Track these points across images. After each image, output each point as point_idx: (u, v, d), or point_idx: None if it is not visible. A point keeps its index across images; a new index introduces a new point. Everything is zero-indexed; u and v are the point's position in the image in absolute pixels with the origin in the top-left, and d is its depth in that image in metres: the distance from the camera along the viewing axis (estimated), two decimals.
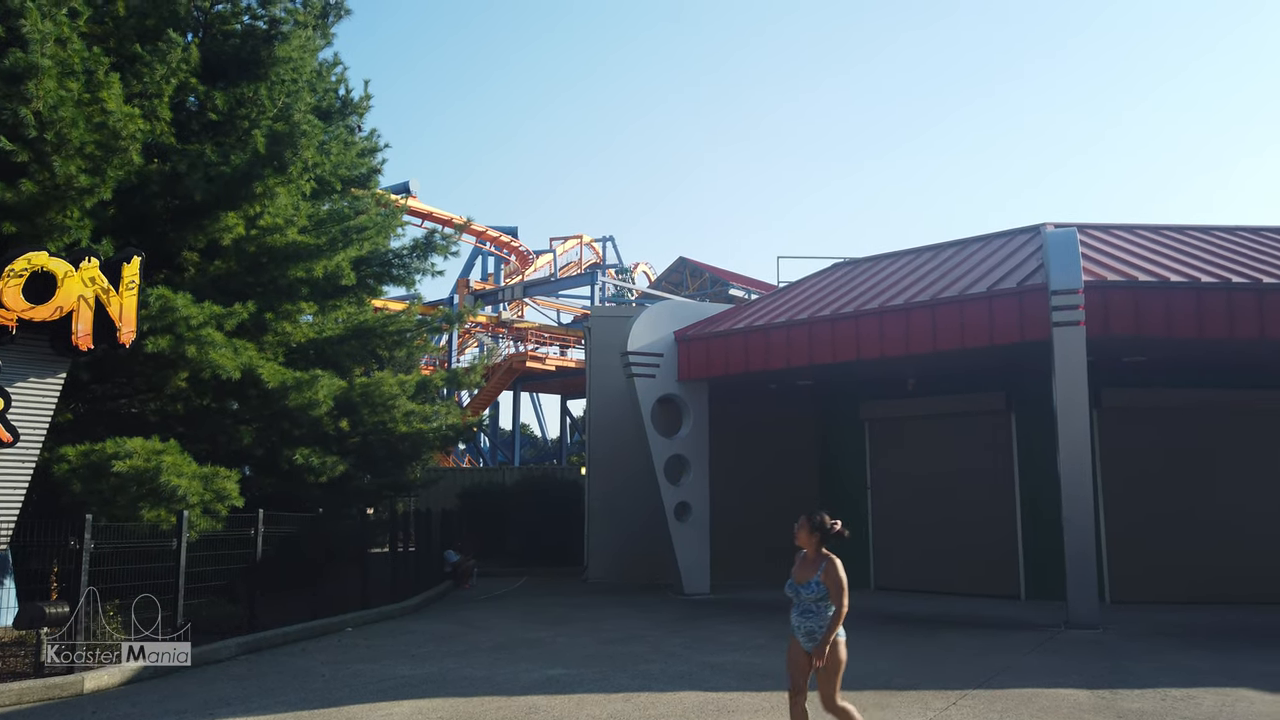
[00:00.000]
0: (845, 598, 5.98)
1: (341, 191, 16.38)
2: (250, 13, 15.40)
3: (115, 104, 11.56)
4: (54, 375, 10.12)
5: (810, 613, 6.06)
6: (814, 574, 6.06)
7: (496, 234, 48.20)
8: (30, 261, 9.74)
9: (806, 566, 6.15)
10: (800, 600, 6.12)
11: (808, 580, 6.07)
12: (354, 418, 14.87)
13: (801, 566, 6.20)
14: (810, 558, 6.17)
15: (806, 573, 6.12)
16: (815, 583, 6.02)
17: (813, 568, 6.10)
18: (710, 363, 17.05)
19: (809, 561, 6.16)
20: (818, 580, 6.02)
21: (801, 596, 6.10)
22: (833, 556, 6.10)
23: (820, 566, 6.06)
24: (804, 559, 6.22)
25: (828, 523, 6.17)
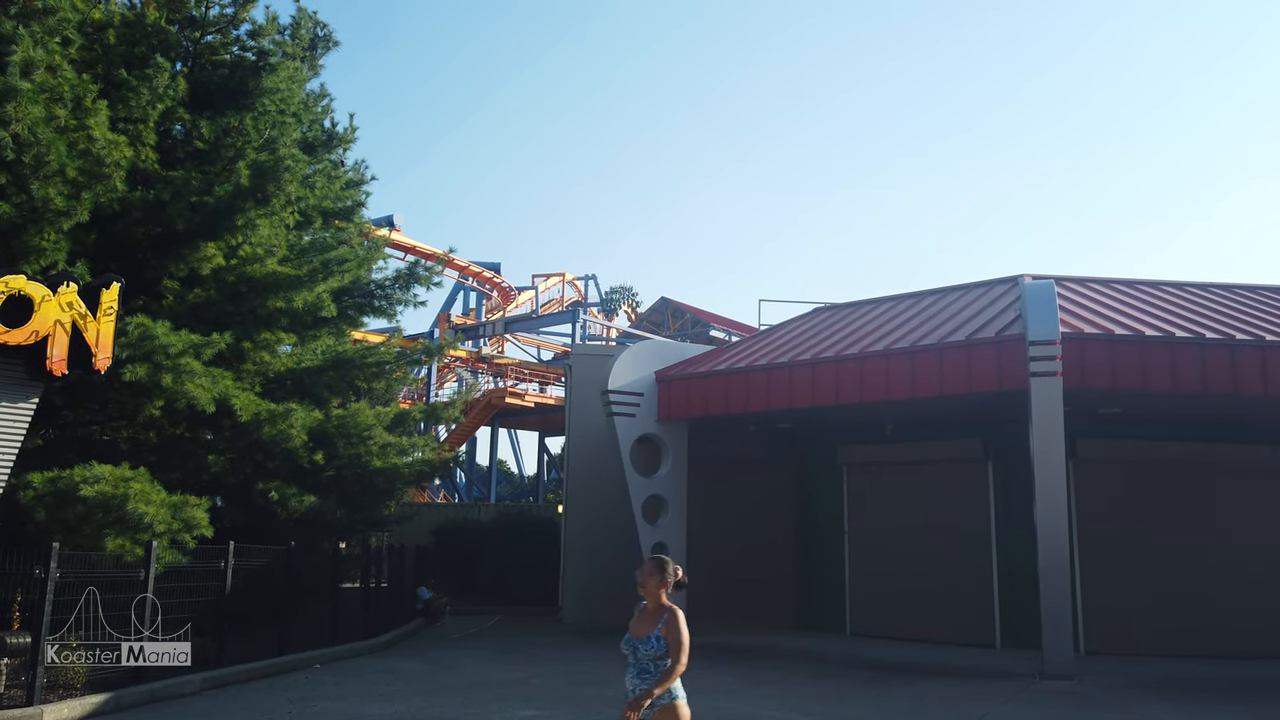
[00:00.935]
0: (685, 655, 5.14)
1: (325, 223, 16.37)
2: (239, 43, 15.47)
3: (100, 131, 11.55)
4: (26, 400, 9.96)
5: (648, 673, 5.15)
6: (654, 628, 5.20)
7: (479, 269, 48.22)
8: (7, 285, 9.63)
9: (646, 619, 5.31)
10: (637, 659, 5.21)
11: (646, 635, 5.20)
12: (329, 450, 14.72)
13: (640, 619, 5.34)
14: (651, 609, 5.34)
15: (646, 626, 5.26)
16: (655, 638, 5.17)
17: (653, 621, 5.26)
18: (690, 403, 17.06)
19: (649, 614, 5.32)
20: (658, 635, 5.17)
21: (639, 654, 5.19)
22: (675, 608, 5.30)
23: (661, 619, 5.23)
24: (644, 611, 5.38)
25: (672, 568, 5.42)
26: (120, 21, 14.26)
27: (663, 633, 5.15)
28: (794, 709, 10.08)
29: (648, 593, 5.34)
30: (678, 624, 5.19)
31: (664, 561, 5.43)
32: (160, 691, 10.35)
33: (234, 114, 14.69)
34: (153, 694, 10.23)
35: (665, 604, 5.31)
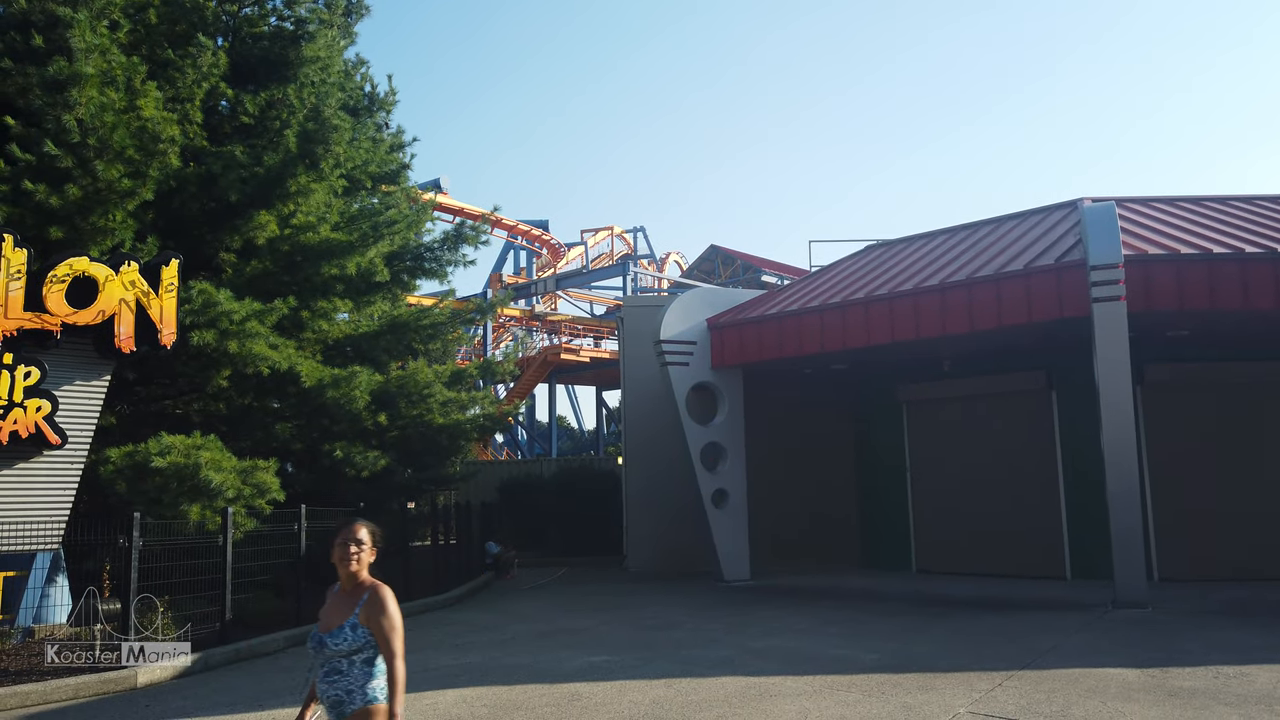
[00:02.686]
0: (400, 646, 3.86)
1: (371, 189, 16.52)
2: (277, 14, 15.56)
3: (152, 110, 11.76)
4: (99, 378, 10.32)
5: (340, 674, 3.83)
6: (350, 614, 3.88)
7: (528, 228, 48.32)
8: (72, 267, 9.94)
9: (339, 605, 3.95)
10: (325, 655, 3.87)
11: (339, 626, 3.87)
12: (392, 411, 15.01)
13: (333, 606, 3.98)
14: (346, 590, 3.97)
15: (338, 615, 3.91)
16: (350, 627, 3.85)
17: (348, 605, 3.91)
18: (744, 349, 16.97)
19: (344, 596, 3.96)
20: (353, 623, 3.86)
21: (327, 650, 3.86)
22: (380, 585, 3.96)
23: (360, 601, 3.90)
24: (337, 595, 4.01)
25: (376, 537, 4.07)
26: (160, 1, 14.42)
27: (362, 619, 3.85)
28: (863, 646, 10.12)
29: (345, 568, 3.94)
30: (385, 605, 3.87)
31: (368, 528, 4.06)
32: (245, 651, 10.78)
33: (277, 86, 14.83)
34: (238, 653, 10.67)
35: (365, 580, 3.97)
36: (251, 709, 8.20)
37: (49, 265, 9.86)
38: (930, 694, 7.81)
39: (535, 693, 8.35)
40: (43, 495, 9.82)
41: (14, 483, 9.64)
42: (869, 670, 8.84)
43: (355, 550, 3.95)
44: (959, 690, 7.91)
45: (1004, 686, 8.01)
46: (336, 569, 3.97)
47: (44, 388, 9.59)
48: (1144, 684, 7.98)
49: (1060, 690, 7.82)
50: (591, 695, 8.16)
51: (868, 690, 8.02)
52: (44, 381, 9.58)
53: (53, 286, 9.77)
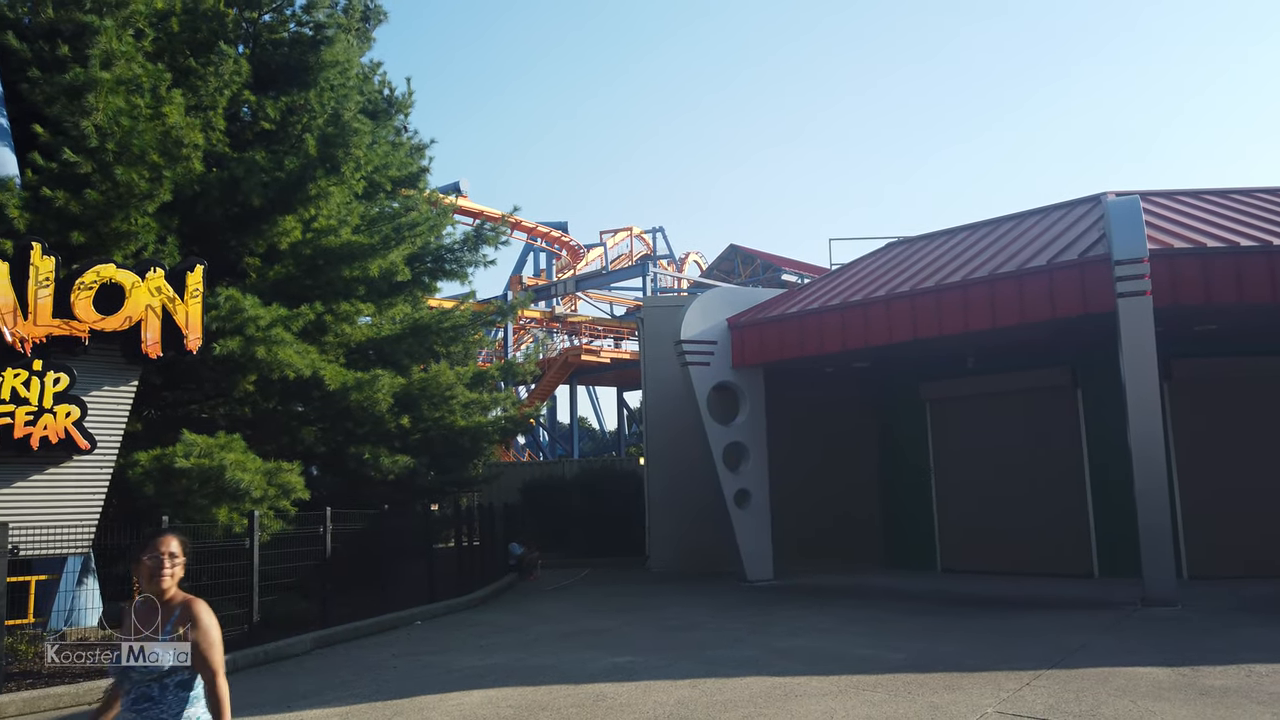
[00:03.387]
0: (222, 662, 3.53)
1: (391, 192, 16.62)
2: (296, 19, 15.69)
3: (177, 116, 11.88)
4: (126, 383, 10.43)
5: (152, 701, 3.45)
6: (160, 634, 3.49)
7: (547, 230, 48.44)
8: (99, 274, 10.06)
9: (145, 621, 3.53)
10: (131, 680, 3.47)
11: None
12: (415, 413, 15.10)
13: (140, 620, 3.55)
14: (152, 607, 3.55)
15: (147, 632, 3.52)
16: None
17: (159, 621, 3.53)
18: (764, 348, 16.93)
19: (152, 611, 3.54)
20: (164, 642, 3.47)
21: (133, 674, 3.46)
22: (194, 599, 3.59)
23: (171, 618, 3.52)
24: (142, 609, 3.56)
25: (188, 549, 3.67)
26: (181, 9, 14.57)
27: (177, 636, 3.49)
28: (888, 645, 10.06)
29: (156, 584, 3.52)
30: (201, 620, 3.52)
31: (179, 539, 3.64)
32: (273, 652, 10.88)
33: (297, 91, 14.96)
34: (266, 655, 10.76)
35: (177, 596, 3.58)
36: (279, 710, 8.28)
37: (77, 272, 9.98)
38: (957, 694, 7.76)
39: (560, 693, 8.37)
40: (73, 499, 9.95)
41: (45, 487, 9.77)
42: (895, 670, 8.79)
43: (169, 565, 3.53)
44: (986, 690, 7.85)
45: (1032, 686, 7.94)
46: (144, 585, 3.54)
47: (73, 393, 9.71)
48: (1174, 682, 7.88)
49: (1089, 689, 7.74)
50: (616, 696, 8.16)
51: (894, 690, 7.98)
52: (73, 387, 9.71)
53: (80, 293, 9.89)
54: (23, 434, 9.38)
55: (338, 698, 8.60)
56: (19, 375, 9.42)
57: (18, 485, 9.65)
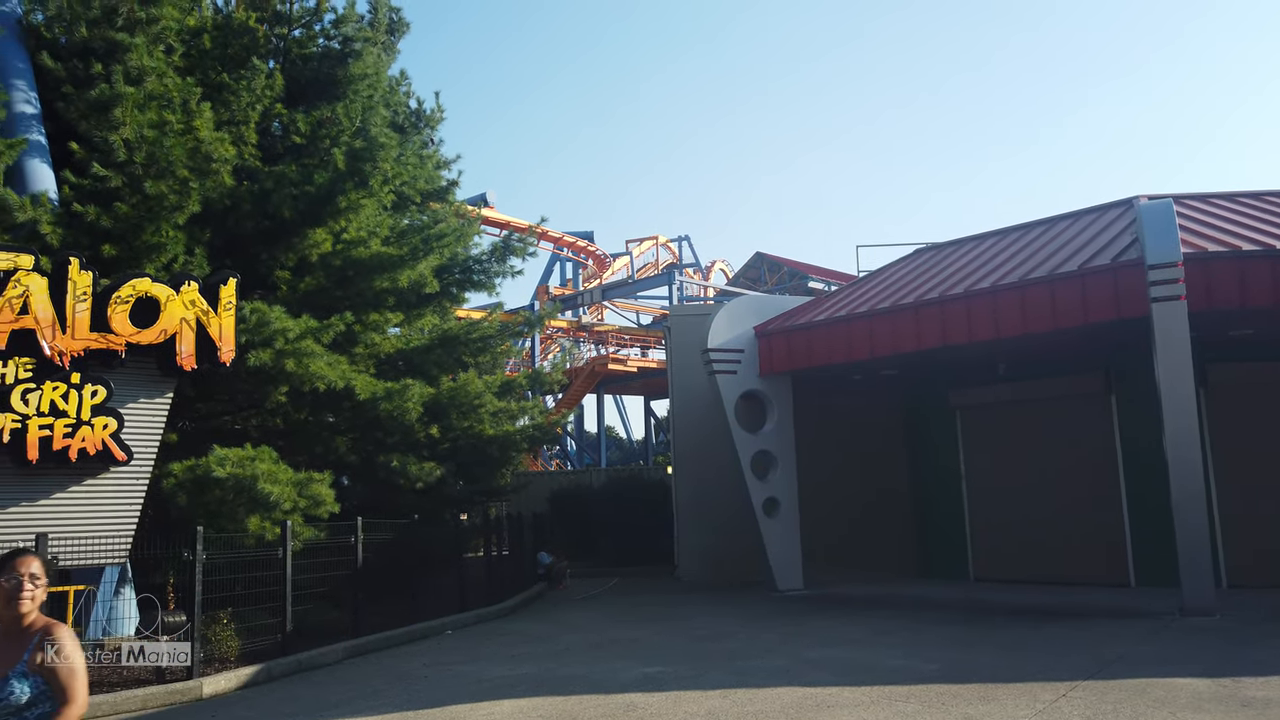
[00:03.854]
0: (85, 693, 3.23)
1: (421, 205, 16.76)
2: (325, 34, 15.90)
3: (207, 130, 12.08)
4: (162, 395, 10.59)
5: None
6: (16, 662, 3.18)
7: (573, 239, 48.64)
8: (135, 287, 10.22)
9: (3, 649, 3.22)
10: None
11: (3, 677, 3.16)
12: (444, 423, 15.18)
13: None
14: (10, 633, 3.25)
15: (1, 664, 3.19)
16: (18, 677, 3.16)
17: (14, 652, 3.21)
18: (792, 356, 16.86)
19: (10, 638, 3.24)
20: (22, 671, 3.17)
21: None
22: (56, 624, 3.30)
23: (29, 645, 3.22)
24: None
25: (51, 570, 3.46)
26: (213, 25, 14.83)
27: (34, 665, 3.18)
28: (921, 656, 9.96)
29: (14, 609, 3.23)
30: (65, 646, 3.21)
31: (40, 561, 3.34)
32: (306, 662, 10.97)
33: (326, 105, 15.14)
34: (299, 664, 10.85)
35: (37, 621, 3.28)
36: (312, 718, 8.34)
37: (113, 286, 10.15)
38: (992, 704, 7.67)
39: (591, 703, 8.36)
40: (110, 510, 10.09)
41: (83, 498, 9.93)
42: (928, 680, 8.70)
43: (30, 588, 3.23)
44: (1022, 701, 7.75)
45: (1068, 697, 7.83)
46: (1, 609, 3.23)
47: (110, 406, 9.86)
48: (1215, 694, 7.74)
49: (1127, 701, 7.61)
50: (647, 706, 8.14)
51: (927, 701, 7.89)
52: (110, 400, 9.86)
53: (117, 307, 10.05)
54: (61, 446, 9.54)
55: (370, 707, 8.65)
56: (58, 388, 9.59)
57: (57, 496, 9.82)
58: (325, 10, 15.42)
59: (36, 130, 12.72)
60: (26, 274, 9.55)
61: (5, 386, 9.30)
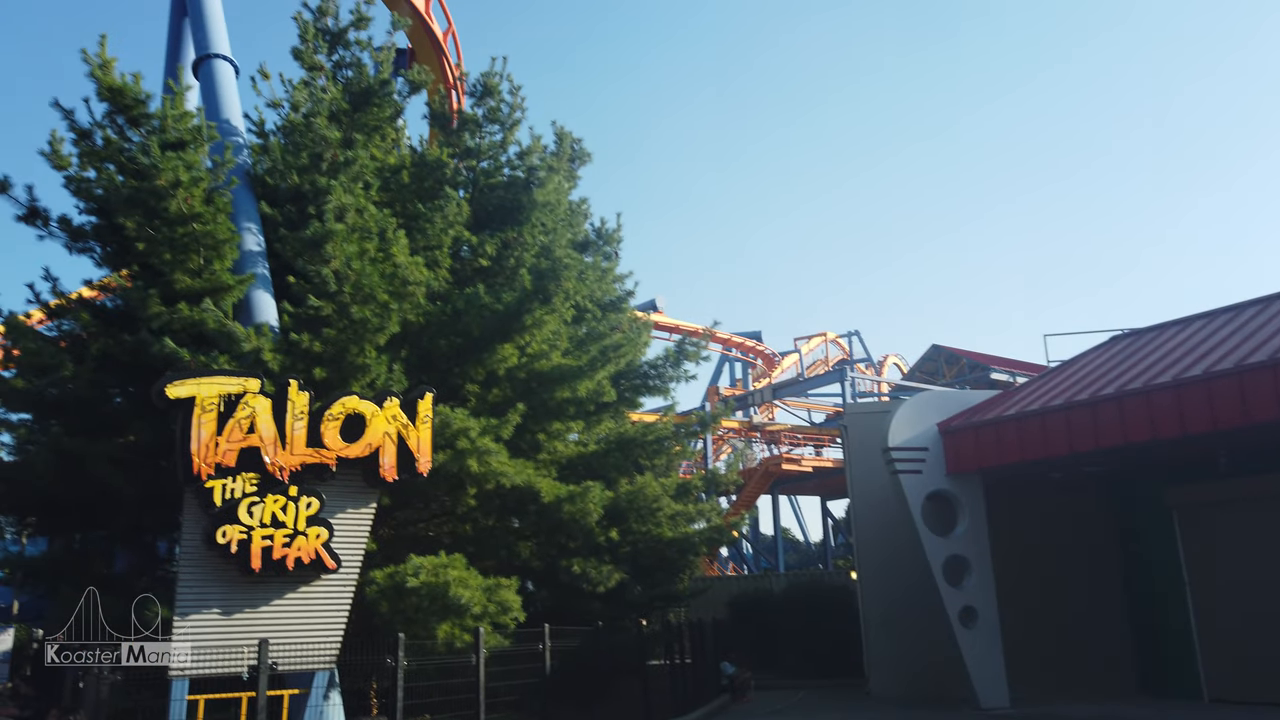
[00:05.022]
0: None
1: (600, 316, 17.38)
2: (510, 164, 17.07)
3: (403, 257, 13.08)
4: (366, 505, 11.24)
5: None
6: None
7: (741, 340, 48.89)
8: (345, 405, 11.03)
9: None
10: None
11: None
12: (623, 526, 15.31)
13: None
14: None
15: None
16: None
17: None
18: (981, 454, 16.03)
19: None
20: None
21: None
22: None
23: None
24: None
25: None
26: (410, 162, 16.22)
27: None
28: None
29: None
30: None
31: None
32: None
33: (511, 229, 16.12)
34: None
35: None
36: None
37: (325, 404, 10.99)
38: None
39: None
40: (320, 617, 10.67)
41: (296, 606, 10.57)
42: None
43: None
44: None
45: None
46: None
47: (322, 516, 10.55)
48: None
49: None
50: None
51: None
52: (322, 511, 10.56)
53: (329, 424, 10.86)
54: (280, 555, 10.25)
55: None
56: (278, 500, 10.37)
57: (274, 603, 10.50)
58: (511, 143, 16.58)
59: (261, 266, 14.17)
60: (253, 396, 10.51)
61: (234, 500, 10.16)
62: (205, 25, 16.87)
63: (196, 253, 12.95)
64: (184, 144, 13.33)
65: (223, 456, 10.25)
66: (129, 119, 13.66)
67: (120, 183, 12.88)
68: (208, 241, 12.97)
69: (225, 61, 16.45)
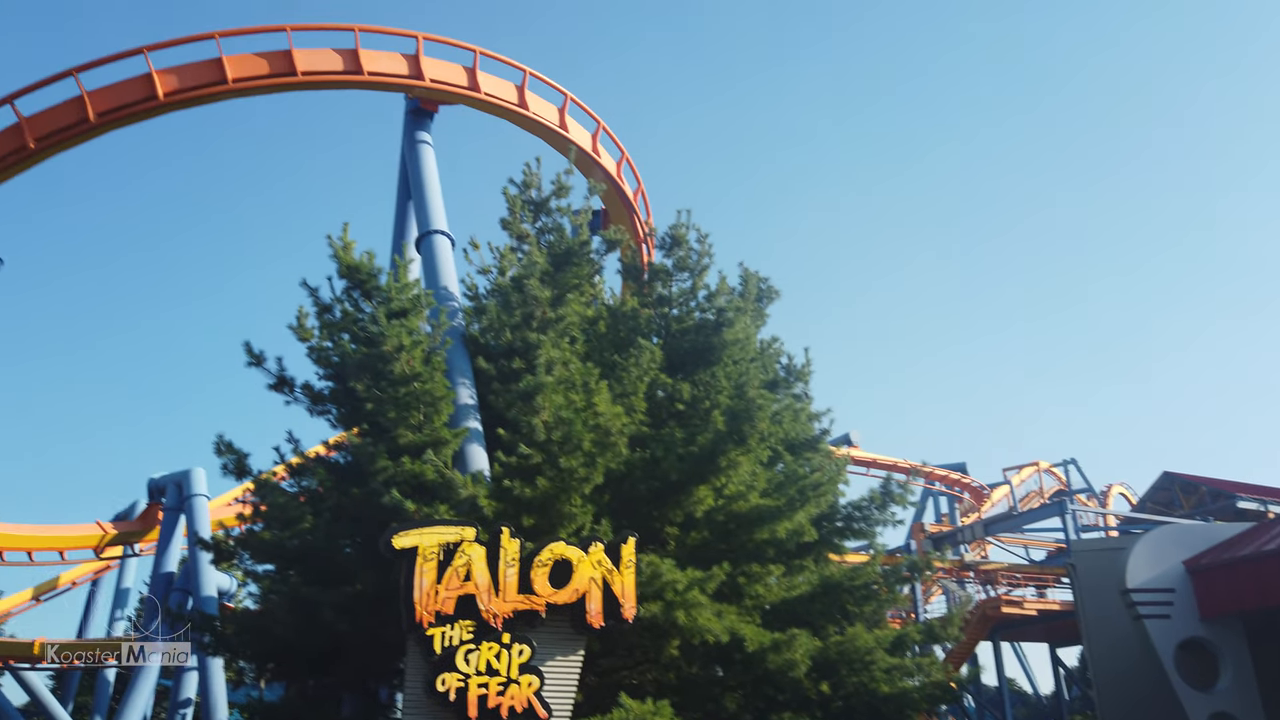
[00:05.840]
0: None
1: (796, 455, 17.14)
2: (700, 308, 17.55)
3: (605, 407, 13.56)
4: (574, 653, 11.34)
5: None
6: None
7: (945, 473, 46.61)
8: (552, 551, 11.37)
9: None
10: None
11: None
12: (834, 679, 14.51)
13: None
14: None
15: None
16: None
17: None
18: (1240, 594, 14.28)
19: None
20: None
21: None
22: None
23: None
24: None
25: None
26: (606, 314, 17.03)
27: None
28: None
29: None
30: None
31: None
32: None
33: (704, 370, 16.43)
34: None
35: None
36: None
37: (534, 551, 11.37)
38: None
39: None
40: None
41: None
42: None
43: None
44: None
45: None
46: None
47: (533, 664, 10.74)
48: None
49: None
50: None
51: None
52: (533, 659, 10.75)
53: (538, 570, 11.18)
54: (495, 704, 10.45)
55: None
56: (492, 648, 10.67)
57: None
58: (700, 288, 17.13)
59: (474, 419, 15.10)
60: (469, 544, 11.03)
61: (452, 648, 10.54)
62: (426, 206, 18.82)
63: (417, 409, 13.96)
64: (406, 312, 14.68)
65: (442, 604, 10.73)
66: (363, 292, 15.25)
67: (353, 350, 14.26)
68: (426, 399, 13.99)
69: (443, 236, 18.19)
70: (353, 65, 19.40)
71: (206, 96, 18.44)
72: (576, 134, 22.65)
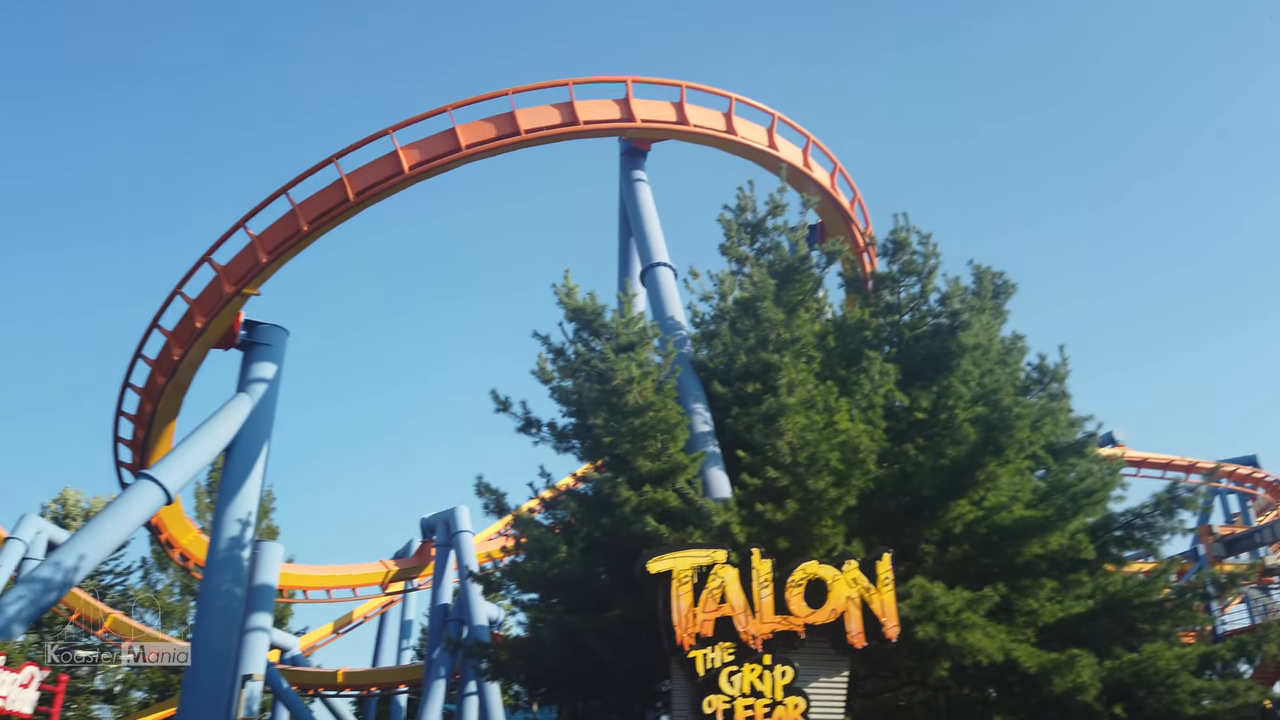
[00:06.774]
0: None
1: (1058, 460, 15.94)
2: (932, 313, 16.77)
3: (846, 424, 13.27)
4: (838, 674, 11.12)
5: None
6: None
7: (1233, 467, 41.68)
8: (805, 570, 11.24)
9: None
10: None
11: None
12: (1129, 702, 13.24)
13: None
14: None
15: None
16: None
17: None
18: None
19: None
20: None
21: None
22: None
23: None
24: None
25: None
26: (833, 328, 16.70)
27: None
28: None
29: None
30: None
31: None
32: None
33: (941, 377, 15.66)
34: None
35: None
36: None
37: (787, 572, 11.29)
38: None
39: None
40: None
41: None
42: None
43: None
44: None
45: None
46: None
47: (797, 685, 10.64)
48: None
49: None
50: None
51: None
52: (796, 680, 10.65)
53: (792, 590, 11.10)
54: None
55: None
56: (754, 670, 10.67)
57: None
58: (930, 291, 16.44)
59: (712, 444, 15.24)
60: (722, 567, 11.13)
61: (715, 670, 10.65)
62: (647, 241, 19.43)
63: (653, 438, 14.28)
64: (634, 345, 15.12)
65: (701, 626, 10.88)
66: (591, 331, 15.90)
67: (588, 387, 14.87)
68: (661, 426, 14.27)
69: (666, 267, 18.68)
70: (569, 117, 20.44)
71: (445, 165, 20.07)
72: (787, 151, 22.57)
